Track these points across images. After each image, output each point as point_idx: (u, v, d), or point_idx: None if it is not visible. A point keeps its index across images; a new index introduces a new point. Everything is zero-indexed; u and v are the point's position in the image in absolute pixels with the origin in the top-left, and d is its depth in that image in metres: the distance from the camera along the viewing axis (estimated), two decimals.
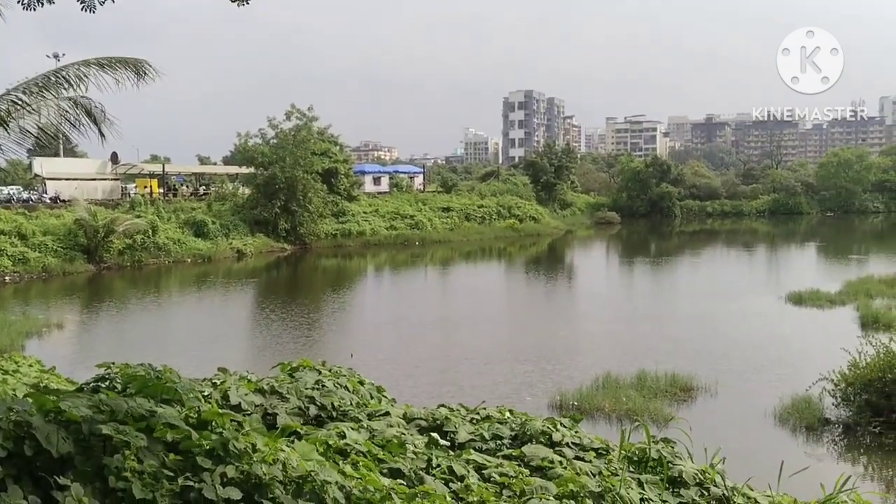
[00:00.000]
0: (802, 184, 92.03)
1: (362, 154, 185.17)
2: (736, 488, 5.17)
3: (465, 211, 63.46)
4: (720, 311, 25.91)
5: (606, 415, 13.62)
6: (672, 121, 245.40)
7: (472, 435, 6.52)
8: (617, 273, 43.14)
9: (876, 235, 66.49)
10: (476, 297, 32.23)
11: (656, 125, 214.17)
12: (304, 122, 52.56)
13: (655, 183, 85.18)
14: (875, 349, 13.26)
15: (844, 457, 12.10)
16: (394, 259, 48.11)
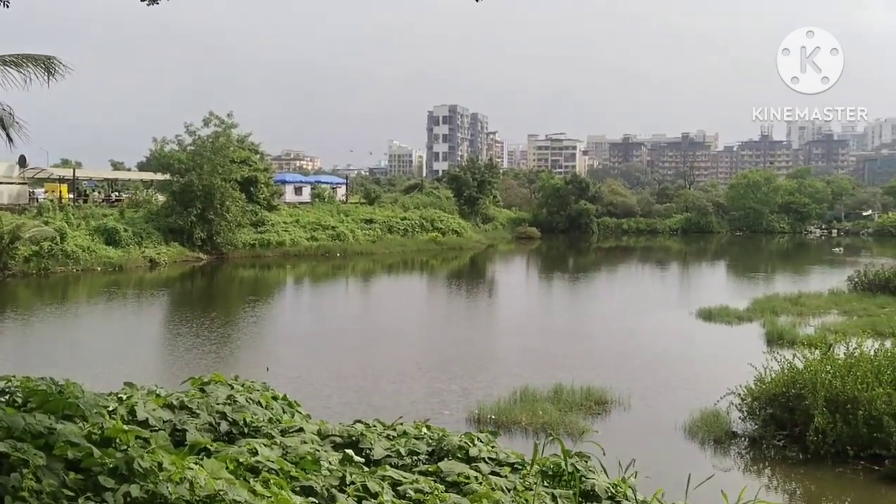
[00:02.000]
0: (713, 204, 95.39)
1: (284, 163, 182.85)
2: (646, 501, 5.26)
3: (388, 223, 63.33)
4: (634, 326, 26.53)
5: (523, 428, 13.73)
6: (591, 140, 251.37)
7: (389, 451, 6.46)
8: (536, 288, 43.74)
9: (781, 255, 69.40)
10: (397, 310, 32.17)
11: (576, 143, 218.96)
12: (223, 128, 51.53)
13: (574, 200, 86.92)
14: (779, 365, 13.79)
15: (750, 469, 12.51)
16: (314, 270, 47.56)
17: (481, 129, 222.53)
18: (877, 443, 12.01)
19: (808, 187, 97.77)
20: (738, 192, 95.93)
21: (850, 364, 12.99)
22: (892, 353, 13.22)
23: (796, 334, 22.22)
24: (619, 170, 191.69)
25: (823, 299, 30.50)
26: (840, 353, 13.73)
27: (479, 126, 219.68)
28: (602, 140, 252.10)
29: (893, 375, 12.66)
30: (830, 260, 58.36)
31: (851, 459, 12.11)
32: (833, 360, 13.26)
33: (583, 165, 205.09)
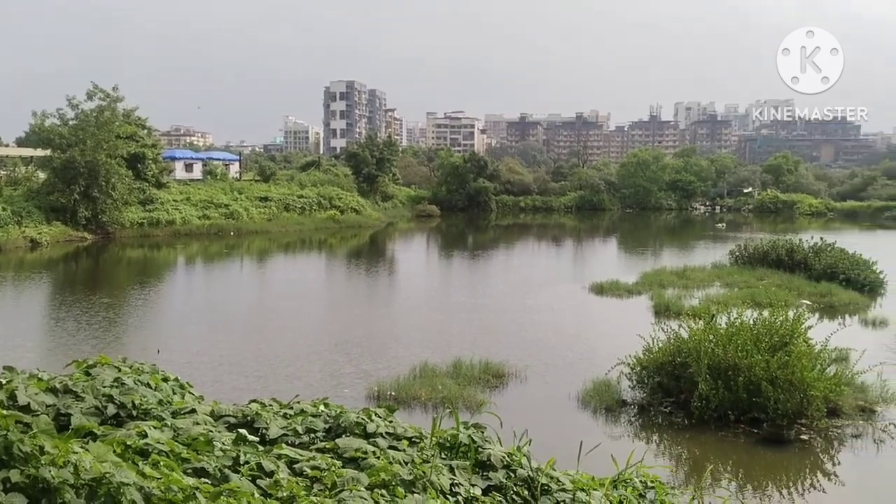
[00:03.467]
0: (605, 182, 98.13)
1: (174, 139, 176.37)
2: (540, 469, 5.39)
3: (285, 201, 62.18)
4: (531, 301, 27.08)
5: (423, 403, 13.83)
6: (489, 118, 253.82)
7: (285, 430, 6.36)
8: (436, 265, 43.96)
9: (669, 230, 72.20)
10: (294, 289, 31.68)
11: (474, 122, 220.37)
12: (108, 102, 49.12)
13: (473, 178, 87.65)
14: (666, 335, 14.40)
15: (639, 435, 13.02)
16: (206, 250, 46.23)
17: (380, 106, 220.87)
18: (755, 407, 12.73)
19: (694, 166, 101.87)
20: (628, 170, 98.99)
21: (731, 333, 13.68)
22: (770, 322, 13.97)
23: (682, 306, 23.21)
24: (517, 148, 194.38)
25: (707, 272, 31.96)
26: (722, 323, 14.42)
27: (377, 103, 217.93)
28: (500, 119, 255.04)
29: (770, 343, 13.42)
30: (714, 235, 61.14)
31: (733, 423, 12.79)
32: (715, 330, 13.94)
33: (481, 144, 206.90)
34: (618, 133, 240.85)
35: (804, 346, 13.58)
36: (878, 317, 23.43)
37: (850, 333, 18.51)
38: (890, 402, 13.90)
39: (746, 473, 11.58)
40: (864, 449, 12.37)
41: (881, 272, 29.56)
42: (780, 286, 27.17)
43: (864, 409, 13.64)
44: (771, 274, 30.05)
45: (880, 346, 17.82)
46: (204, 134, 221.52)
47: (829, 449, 12.44)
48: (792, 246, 32.39)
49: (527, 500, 5.25)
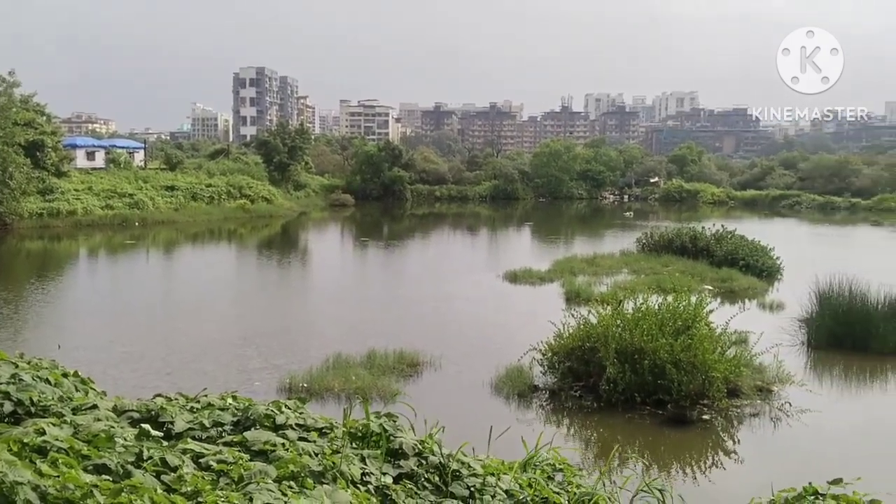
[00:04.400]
0: (519, 171, 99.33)
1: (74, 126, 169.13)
2: (451, 455, 5.44)
3: (192, 190, 60.48)
4: (446, 290, 27.23)
5: (336, 394, 13.74)
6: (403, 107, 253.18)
7: (191, 424, 6.21)
8: (351, 255, 43.66)
9: (580, 219, 73.75)
10: (202, 281, 30.91)
11: (388, 110, 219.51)
12: (4, 88, 46.70)
13: (388, 167, 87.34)
14: (576, 321, 14.73)
15: (550, 419, 13.30)
16: (110, 241, 44.57)
17: (291, 94, 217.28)
18: (661, 389, 13.17)
19: (604, 156, 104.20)
20: (541, 160, 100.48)
21: (637, 318, 14.10)
22: (674, 307, 14.46)
23: (592, 292, 23.75)
24: (432, 137, 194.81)
25: (616, 259, 32.82)
26: (629, 308, 14.84)
27: (288, 90, 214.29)
28: (414, 108, 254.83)
29: (674, 327, 13.90)
30: (622, 224, 62.79)
31: (639, 405, 13.20)
32: (623, 315, 14.34)
33: (396, 132, 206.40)
34: (531, 123, 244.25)
35: (706, 330, 14.12)
36: (774, 301, 24.55)
37: (748, 317, 19.34)
38: (785, 381, 14.59)
39: (652, 453, 11.98)
40: (762, 427, 12.96)
41: (778, 258, 30.99)
42: (684, 272, 28.14)
43: (761, 389, 14.27)
44: (675, 260, 31.07)
45: (777, 329, 18.69)
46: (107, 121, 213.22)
47: (730, 428, 12.99)
48: (695, 233, 33.57)
49: (438, 486, 5.29)
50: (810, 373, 16.51)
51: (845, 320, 18.20)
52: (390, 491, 5.05)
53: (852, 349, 17.76)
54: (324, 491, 4.49)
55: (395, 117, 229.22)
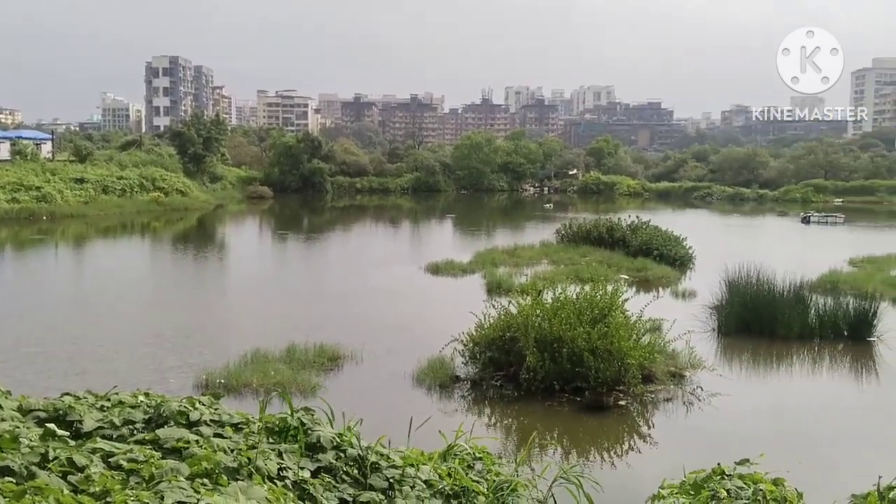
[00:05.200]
0: (441, 164, 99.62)
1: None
2: (370, 447, 5.40)
3: (103, 183, 58.38)
4: (367, 282, 27.10)
5: (254, 390, 13.49)
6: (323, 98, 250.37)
7: (101, 423, 5.98)
8: (270, 249, 42.96)
9: (501, 211, 74.48)
10: (115, 277, 29.85)
11: (308, 101, 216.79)
12: None
13: (307, 158, 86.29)
14: (497, 311, 14.86)
15: (471, 409, 13.39)
16: (17, 236, 42.60)
17: (206, 83, 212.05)
18: (578, 377, 13.41)
19: (524, 148, 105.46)
20: (462, 152, 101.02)
21: (556, 307, 14.32)
22: (591, 296, 14.74)
23: (512, 283, 23.99)
24: (352, 129, 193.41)
25: (535, 251, 33.28)
26: (548, 298, 15.06)
27: (203, 80, 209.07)
28: (334, 99, 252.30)
29: (592, 316, 14.18)
30: (542, 215, 63.72)
31: (558, 393, 13.42)
32: (542, 305, 14.55)
33: (315, 124, 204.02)
34: (452, 115, 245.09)
35: (622, 318, 14.45)
36: (687, 289, 25.33)
37: (662, 305, 19.91)
38: (697, 367, 15.06)
39: (571, 439, 12.21)
40: (675, 411, 13.36)
41: (690, 248, 32.00)
42: (601, 262, 28.77)
43: (674, 374, 14.70)
44: (593, 251, 31.74)
45: (689, 316, 19.27)
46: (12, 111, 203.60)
47: (645, 413, 13.34)
48: (612, 224, 34.36)
49: (357, 479, 5.25)
50: (720, 358, 17.10)
51: (753, 307, 18.92)
52: (308, 485, 4.98)
53: (760, 335, 18.48)
54: (238, 487, 4.39)
55: (315, 108, 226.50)
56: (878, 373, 16.60)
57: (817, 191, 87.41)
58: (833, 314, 18.73)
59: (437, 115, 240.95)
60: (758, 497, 4.35)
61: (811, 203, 77.64)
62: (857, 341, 18.22)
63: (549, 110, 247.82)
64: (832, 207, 70.57)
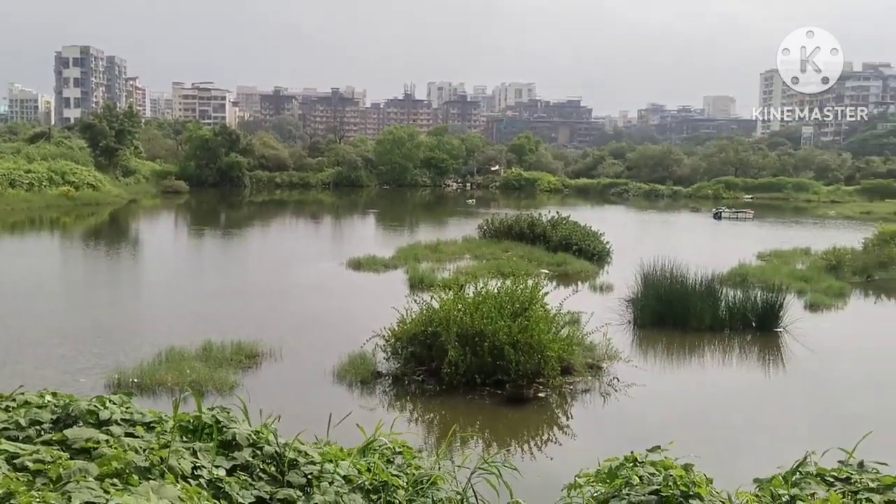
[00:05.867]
0: (363, 158, 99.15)
1: None
2: (287, 444, 5.34)
3: (10, 176, 55.94)
4: (288, 278, 26.75)
5: (169, 389, 13.14)
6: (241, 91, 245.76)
7: (6, 423, 5.74)
8: (186, 245, 41.92)
9: (424, 206, 74.62)
10: (22, 274, 28.59)
11: (225, 94, 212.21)
12: None
13: (225, 152, 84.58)
14: (419, 306, 14.88)
15: (394, 404, 13.37)
16: None
17: (119, 75, 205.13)
18: (499, 370, 13.56)
19: (446, 144, 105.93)
20: (384, 147, 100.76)
21: (477, 302, 14.44)
22: (511, 290, 14.92)
23: (435, 278, 24.08)
24: (271, 122, 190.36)
25: (458, 246, 33.48)
26: (470, 293, 15.17)
27: (116, 70, 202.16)
28: (253, 91, 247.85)
29: (512, 309, 14.35)
30: (465, 211, 64.10)
31: (479, 386, 13.53)
32: (463, 300, 14.64)
33: (233, 117, 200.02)
34: (374, 110, 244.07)
35: (542, 312, 14.67)
36: (604, 282, 25.91)
37: (581, 298, 20.31)
38: (614, 358, 15.43)
39: (492, 432, 12.34)
40: (593, 402, 13.66)
41: (608, 242, 32.75)
42: (522, 257, 29.15)
43: (592, 366, 15.01)
44: (515, 246, 32.12)
45: (606, 309, 19.72)
46: None
47: (563, 404, 13.58)
48: (533, 220, 34.85)
49: (274, 476, 5.17)
50: (636, 349, 17.56)
51: (667, 300, 19.49)
52: (224, 483, 4.89)
53: (673, 326, 19.04)
54: (150, 487, 4.28)
55: (233, 101, 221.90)
56: (783, 362, 17.32)
57: (728, 188, 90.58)
58: (742, 306, 19.46)
59: (359, 110, 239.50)
60: (668, 482, 4.49)
61: (722, 199, 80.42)
62: (765, 332, 18.98)
63: (471, 106, 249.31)
64: (742, 204, 73.28)
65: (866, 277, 27.41)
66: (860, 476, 5.18)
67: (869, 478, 5.11)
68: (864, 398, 14.74)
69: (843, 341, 19.69)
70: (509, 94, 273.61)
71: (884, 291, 26.41)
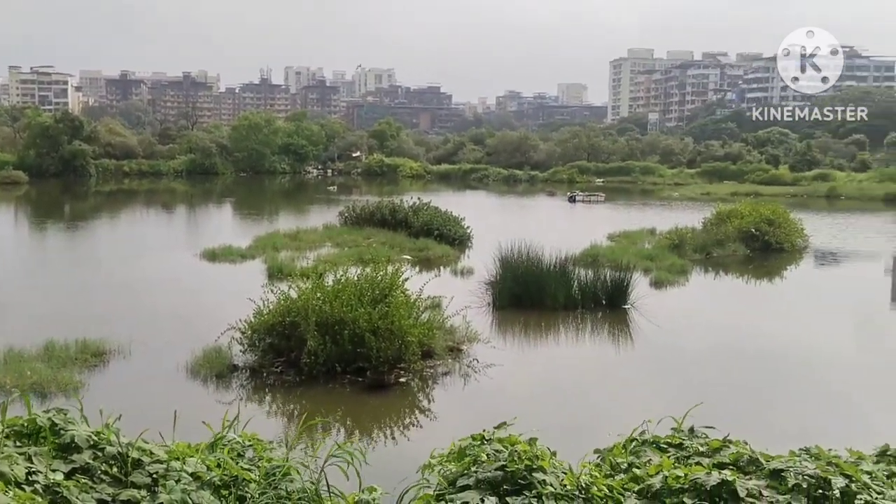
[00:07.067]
0: (217, 145, 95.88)
1: None
2: (131, 444, 5.13)
3: None
4: (138, 272, 25.59)
5: (8, 392, 12.27)
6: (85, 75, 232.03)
7: None
8: (27, 239, 39.21)
9: (283, 194, 73.27)
10: None
11: (67, 78, 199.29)
12: None
13: (67, 140, 79.67)
14: (276, 296, 14.61)
15: (252, 398, 13.09)
16: None
17: None
18: (360, 357, 13.54)
19: (305, 130, 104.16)
20: (240, 133, 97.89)
21: (337, 290, 14.34)
22: (371, 277, 14.92)
23: (294, 267, 23.69)
24: (118, 108, 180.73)
25: (319, 234, 33.08)
26: (330, 280, 15.04)
27: None
28: (98, 76, 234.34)
29: (373, 296, 14.36)
30: (326, 198, 63.36)
31: (340, 375, 13.47)
32: (322, 288, 14.50)
33: (76, 102, 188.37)
34: (229, 95, 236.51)
35: (402, 297, 14.76)
36: (465, 266, 26.38)
37: (442, 282, 20.61)
38: (473, 340, 15.78)
39: (354, 419, 12.35)
40: (453, 384, 13.92)
41: (468, 227, 33.34)
42: (384, 244, 29.17)
43: (452, 349, 15.28)
44: (377, 233, 32.09)
45: (467, 292, 20.11)
46: None
47: (425, 388, 13.78)
48: (394, 206, 34.92)
49: (117, 478, 4.96)
50: (495, 331, 18.01)
51: (523, 281, 20.10)
52: (61, 488, 4.65)
53: (530, 307, 19.67)
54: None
55: (76, 86, 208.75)
56: (632, 336, 18.31)
57: (581, 172, 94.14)
58: (593, 285, 20.36)
59: (213, 95, 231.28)
60: (513, 458, 4.65)
61: (576, 183, 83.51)
62: (614, 309, 19.96)
63: (330, 91, 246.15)
64: (594, 187, 76.41)
65: (705, 255, 29.29)
66: (691, 441, 5.56)
67: (699, 443, 5.50)
68: (704, 368, 15.84)
69: (685, 315, 21.04)
70: (369, 79, 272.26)
71: (721, 267, 28.35)
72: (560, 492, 4.47)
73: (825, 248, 34.25)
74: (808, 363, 16.35)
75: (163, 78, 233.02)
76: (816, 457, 5.06)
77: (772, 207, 33.68)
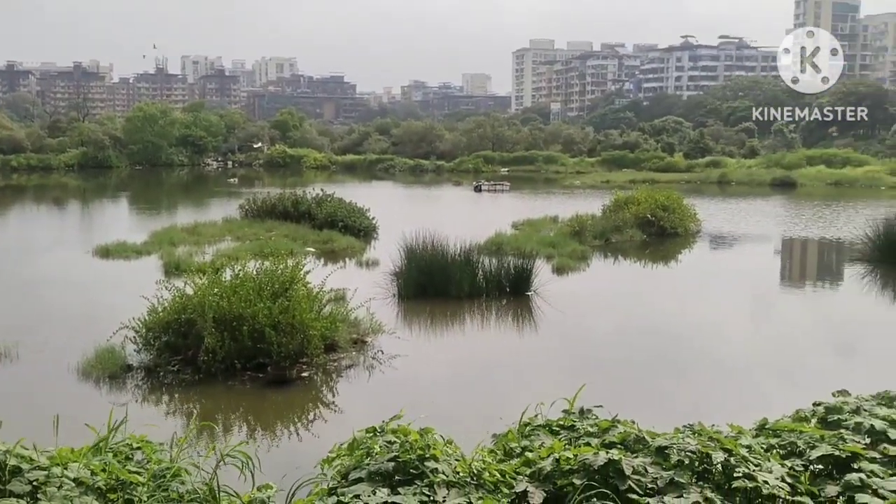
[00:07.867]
0: (111, 137, 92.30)
1: None
2: (9, 451, 4.90)
3: None
4: (25, 271, 24.39)
5: None
6: None
7: None
8: None
9: (181, 187, 71.11)
10: None
11: None
12: None
13: None
14: (171, 293, 14.15)
15: (147, 398, 12.65)
16: None
17: None
18: (260, 353, 13.28)
19: (204, 121, 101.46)
20: (135, 125, 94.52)
21: (235, 285, 14.00)
22: (272, 271, 14.63)
23: (192, 263, 22.98)
24: (5, 100, 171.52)
25: (218, 227, 32.25)
26: (228, 275, 14.68)
27: None
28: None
29: (273, 290, 14.09)
30: (227, 191, 61.86)
31: (240, 372, 13.17)
32: (220, 283, 14.14)
33: None
34: (123, 85, 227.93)
35: (303, 290, 14.54)
36: (370, 258, 26.27)
37: (347, 274, 20.45)
38: (378, 332, 15.71)
39: (256, 417, 12.12)
40: (357, 377, 13.83)
41: (374, 218, 33.18)
42: (287, 236, 28.73)
43: (356, 341, 15.18)
44: (279, 225, 31.53)
45: (371, 284, 20.00)
46: None
47: (328, 381, 13.63)
48: (297, 198, 34.39)
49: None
50: (401, 321, 17.99)
51: (429, 271, 20.13)
52: None
53: (435, 296, 19.73)
54: None
55: None
56: (535, 322, 18.65)
57: (487, 161, 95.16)
58: (497, 273, 20.60)
59: (106, 85, 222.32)
60: (405, 448, 4.66)
61: (482, 173, 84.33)
62: (518, 296, 20.26)
63: (230, 81, 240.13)
64: (499, 176, 77.35)
65: (605, 241, 30.10)
66: (582, 423, 5.71)
67: (589, 424, 5.65)
68: (605, 350, 16.28)
69: (585, 299, 21.58)
70: (270, 68, 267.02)
71: (620, 252, 29.20)
72: (452, 479, 4.51)
73: (717, 232, 35.77)
74: (703, 340, 17.08)
75: (52, 68, 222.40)
76: (699, 433, 5.28)
77: (666, 194, 34.89)
